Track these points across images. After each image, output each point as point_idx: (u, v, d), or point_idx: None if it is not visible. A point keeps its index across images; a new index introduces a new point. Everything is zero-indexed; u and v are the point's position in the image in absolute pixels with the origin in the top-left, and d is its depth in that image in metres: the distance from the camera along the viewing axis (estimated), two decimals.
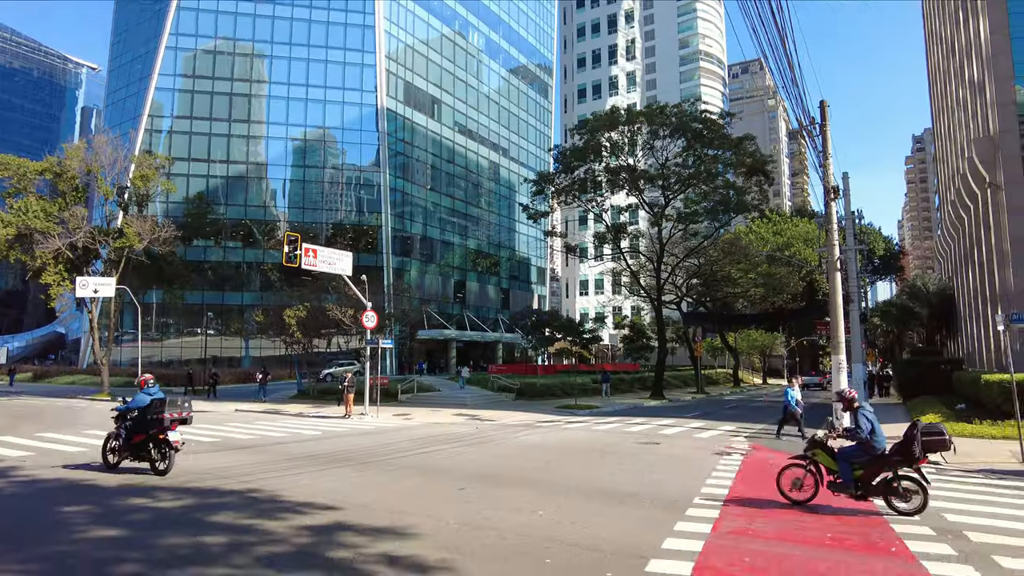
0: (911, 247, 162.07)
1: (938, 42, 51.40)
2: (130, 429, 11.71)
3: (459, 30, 72.79)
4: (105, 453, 12.04)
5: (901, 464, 8.79)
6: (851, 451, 9.21)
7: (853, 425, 9.17)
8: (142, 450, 11.58)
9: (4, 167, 36.25)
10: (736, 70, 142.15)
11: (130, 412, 11.78)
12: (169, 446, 11.34)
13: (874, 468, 8.93)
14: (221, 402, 32.53)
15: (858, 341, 26.78)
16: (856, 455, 9.11)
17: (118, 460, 11.86)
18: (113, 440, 11.95)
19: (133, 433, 11.64)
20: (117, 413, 12.05)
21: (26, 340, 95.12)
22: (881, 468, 8.91)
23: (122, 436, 11.76)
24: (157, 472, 11.36)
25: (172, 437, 11.32)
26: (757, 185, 39.77)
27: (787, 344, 77.65)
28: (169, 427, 11.33)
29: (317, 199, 61.52)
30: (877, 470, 8.92)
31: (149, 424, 11.40)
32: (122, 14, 65.80)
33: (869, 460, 8.98)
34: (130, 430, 11.70)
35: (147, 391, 11.92)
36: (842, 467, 9.14)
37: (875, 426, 9.02)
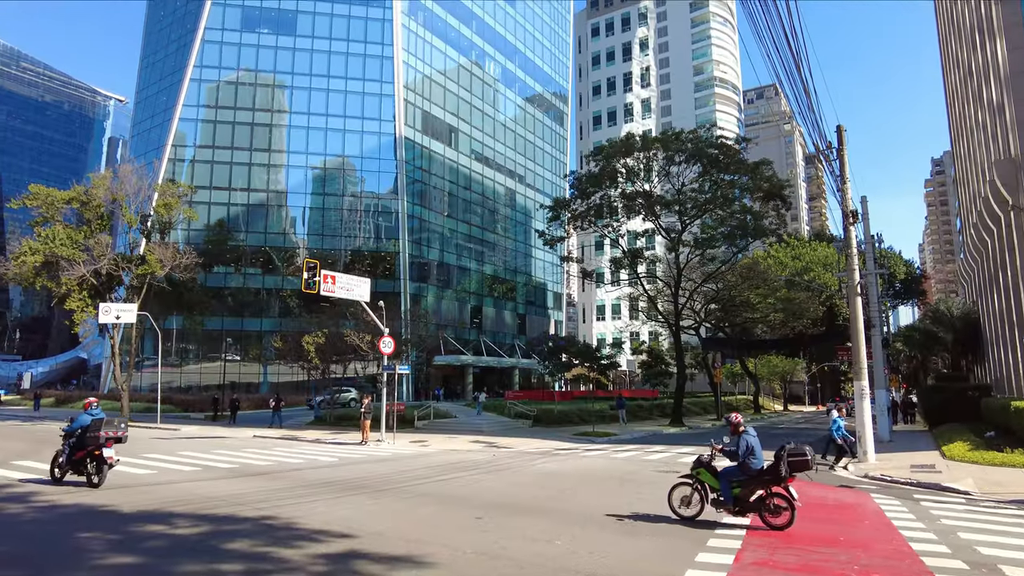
0: (933, 271, 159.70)
1: (955, 64, 51.27)
2: (73, 446, 12.90)
3: (476, 60, 74.00)
4: (52, 468, 13.21)
5: (772, 483, 9.53)
6: (731, 471, 9.93)
7: (733, 447, 9.91)
8: (81, 465, 12.75)
9: (34, 197, 37.17)
10: (751, 95, 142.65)
11: (74, 432, 12.92)
12: (103, 461, 12.53)
13: (750, 486, 9.66)
14: (239, 428, 32.64)
15: (880, 367, 26.33)
16: (735, 474, 9.84)
17: (62, 474, 13.04)
18: (60, 456, 13.12)
19: (75, 450, 12.84)
20: (64, 432, 13.19)
21: (50, 365, 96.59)
22: (756, 487, 9.62)
23: (66, 453, 12.98)
24: (91, 484, 12.46)
25: (107, 453, 12.54)
26: (774, 210, 39.56)
27: (808, 370, 76.51)
28: (104, 444, 12.49)
29: (336, 226, 62.27)
30: (753, 488, 9.64)
31: (88, 442, 12.58)
32: (149, 48, 67.83)
33: (746, 479, 9.72)
34: (73, 447, 12.90)
35: (90, 412, 13.15)
36: (723, 485, 9.84)
37: (755, 449, 9.76)
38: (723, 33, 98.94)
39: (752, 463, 9.71)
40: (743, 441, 9.83)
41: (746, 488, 9.69)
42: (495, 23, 77.16)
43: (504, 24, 78.76)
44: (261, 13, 62.48)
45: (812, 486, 14.69)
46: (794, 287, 47.80)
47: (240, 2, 62.05)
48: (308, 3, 63.26)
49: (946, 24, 59.73)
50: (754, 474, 9.67)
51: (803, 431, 36.30)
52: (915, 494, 13.76)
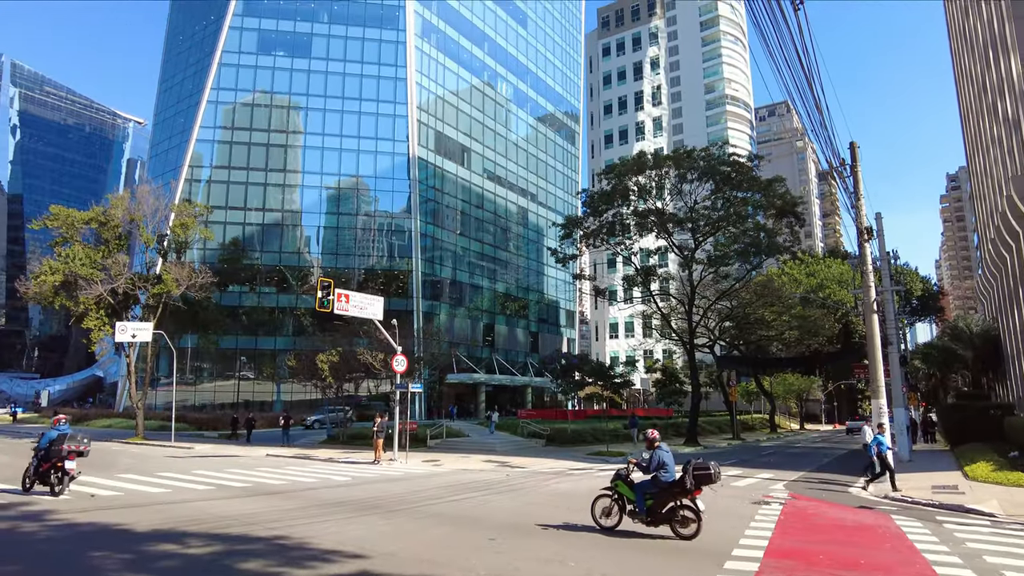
0: (950, 287, 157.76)
1: (968, 79, 51.05)
2: (40, 459, 14.06)
3: (488, 81, 74.75)
4: (24, 479, 14.38)
5: (681, 495, 10.21)
6: (645, 484, 10.65)
7: (646, 462, 10.68)
8: (47, 476, 13.86)
9: (55, 217, 37.77)
10: (763, 113, 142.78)
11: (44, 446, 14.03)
12: (65, 473, 13.77)
13: (662, 498, 10.35)
14: (253, 446, 32.68)
15: (899, 385, 25.93)
16: (648, 487, 10.54)
17: (30, 485, 14.21)
18: (30, 468, 14.30)
19: (42, 462, 14.02)
20: (35, 447, 14.28)
21: (67, 383, 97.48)
22: (667, 498, 10.30)
23: (33, 465, 14.18)
24: (53, 493, 13.64)
25: (68, 466, 13.75)
26: (788, 227, 39.37)
27: (824, 388, 75.52)
28: (66, 457, 13.70)
29: (350, 245, 62.72)
30: (665, 500, 10.32)
31: (53, 455, 13.79)
32: (168, 71, 69.22)
33: (658, 491, 10.41)
34: (40, 460, 14.05)
35: (57, 428, 14.43)
36: (637, 497, 10.57)
37: (666, 463, 10.44)
38: (734, 51, 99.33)
39: (663, 476, 10.38)
40: (656, 456, 10.56)
41: (658, 500, 10.36)
42: (507, 44, 78.04)
43: (516, 45, 79.64)
44: (277, 36, 63.65)
45: (831, 506, 14.43)
46: (809, 304, 47.36)
47: (257, 26, 63.28)
48: (323, 26, 64.38)
49: (958, 39, 59.61)
50: (665, 487, 10.33)
51: (820, 450, 35.76)
52: (938, 516, 13.47)
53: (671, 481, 10.33)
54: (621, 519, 10.74)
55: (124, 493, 14.88)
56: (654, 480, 10.49)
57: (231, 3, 62.38)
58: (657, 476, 10.44)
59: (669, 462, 10.46)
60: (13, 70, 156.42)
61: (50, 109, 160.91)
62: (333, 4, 65.00)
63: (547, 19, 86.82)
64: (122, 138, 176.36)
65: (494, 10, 76.34)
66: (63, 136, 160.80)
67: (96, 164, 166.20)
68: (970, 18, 50.73)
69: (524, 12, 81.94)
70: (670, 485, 10.32)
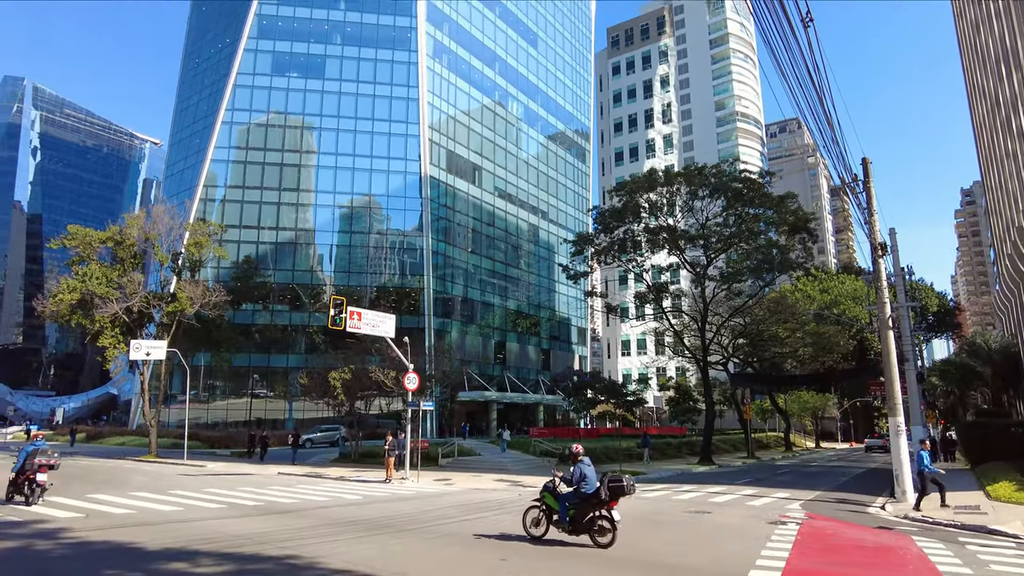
0: (967, 303, 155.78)
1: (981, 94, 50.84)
2: (17, 472, 15.45)
3: (499, 100, 75.41)
4: (7, 490, 15.73)
5: (598, 506, 10.94)
6: (568, 495, 11.39)
7: (569, 475, 11.45)
8: (21, 487, 15.35)
9: (72, 237, 38.33)
10: (774, 129, 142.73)
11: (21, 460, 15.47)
12: (37, 484, 15.20)
13: (583, 509, 11.10)
14: (264, 464, 32.67)
15: (916, 402, 25.55)
16: (571, 499, 11.28)
17: (9, 496, 15.64)
18: (11, 480, 15.69)
19: (19, 475, 15.40)
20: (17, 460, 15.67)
21: (81, 401, 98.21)
22: (587, 509, 11.04)
23: (11, 478, 15.60)
24: (27, 503, 15.12)
25: (40, 478, 15.20)
26: (801, 243, 39.14)
27: (840, 406, 74.55)
28: (37, 470, 15.20)
29: (362, 263, 63.07)
30: (585, 511, 11.07)
31: (27, 468, 15.26)
32: (184, 93, 70.43)
33: (579, 502, 11.17)
34: (17, 472, 15.45)
35: (34, 443, 16.01)
36: (561, 507, 11.34)
37: (587, 476, 11.23)
38: (744, 68, 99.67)
39: (584, 488, 11.18)
40: (577, 469, 11.36)
41: (579, 510, 11.14)
42: (517, 64, 78.80)
43: (526, 65, 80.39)
44: (291, 58, 64.67)
45: (849, 527, 14.17)
46: (823, 321, 46.90)
47: (271, 48, 64.35)
48: (336, 48, 65.36)
49: (970, 55, 59.48)
50: (585, 498, 11.11)
51: (837, 469, 35.21)
52: (960, 537, 13.18)
53: (590, 493, 11.08)
54: (548, 529, 11.59)
55: (137, 511, 14.91)
56: (576, 492, 11.25)
57: (246, 26, 63.54)
58: (579, 488, 11.21)
59: (590, 475, 11.25)
60: (35, 94, 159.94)
61: (70, 131, 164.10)
62: (346, 26, 66.04)
63: (557, 39, 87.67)
64: (138, 158, 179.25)
65: (505, 31, 77.22)
66: (82, 157, 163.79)
67: (113, 184, 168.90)
68: (981, 34, 50.66)
69: (534, 32, 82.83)
70: (589, 496, 11.07)
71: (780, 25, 11.72)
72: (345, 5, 66.22)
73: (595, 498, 11.01)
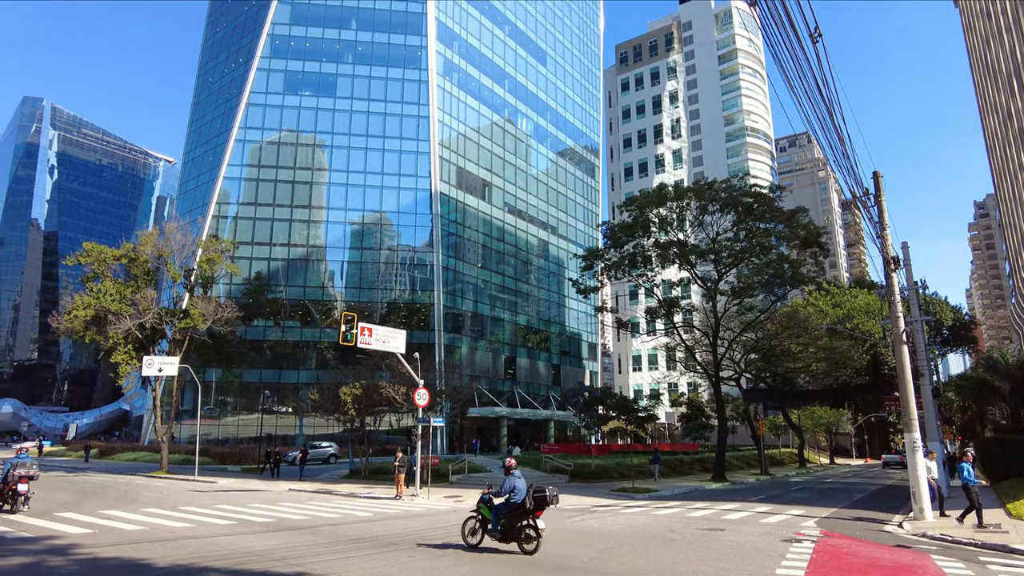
0: (983, 316, 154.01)
1: (993, 108, 50.64)
2: (1, 483, 17.04)
3: (508, 117, 75.94)
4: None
5: (524, 515, 11.89)
6: (500, 506, 12.31)
7: (499, 487, 12.44)
8: (5, 496, 17.00)
9: (87, 254, 38.81)
10: (783, 143, 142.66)
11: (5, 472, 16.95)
12: (19, 494, 16.86)
13: (512, 518, 12.03)
14: (275, 481, 32.65)
15: (932, 418, 25.21)
16: (502, 509, 12.19)
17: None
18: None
19: (3, 485, 16.98)
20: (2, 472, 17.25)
21: (94, 417, 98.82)
22: (516, 518, 11.97)
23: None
24: (11, 511, 16.74)
25: (21, 488, 16.83)
26: (812, 257, 38.88)
27: (854, 421, 73.61)
28: (19, 481, 16.80)
29: (373, 279, 63.35)
30: (514, 520, 12.00)
31: (9, 479, 16.83)
32: (198, 112, 71.46)
33: (509, 512, 12.08)
34: (1, 483, 17.04)
35: (18, 457, 17.61)
36: (493, 517, 12.29)
37: (516, 487, 12.16)
38: (752, 83, 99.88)
39: (513, 499, 12.14)
40: (508, 481, 12.31)
41: (509, 520, 12.06)
42: (527, 82, 79.42)
43: (536, 82, 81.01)
44: (303, 77, 65.52)
45: (866, 545, 13.93)
46: (836, 335, 46.46)
47: (283, 67, 65.25)
48: (348, 67, 66.18)
49: (980, 69, 59.39)
50: (514, 508, 12.05)
51: (853, 486, 34.69)
52: (980, 556, 12.92)
53: (519, 503, 12.03)
54: (483, 538, 12.56)
55: (148, 527, 14.92)
56: (506, 502, 12.20)
57: (259, 46, 64.53)
58: (509, 499, 12.16)
59: (520, 487, 12.21)
60: (53, 114, 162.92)
61: (86, 150, 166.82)
62: (358, 45, 66.90)
63: (566, 56, 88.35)
64: (153, 176, 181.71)
65: (514, 49, 77.95)
66: (97, 175, 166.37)
67: (127, 202, 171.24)
68: (992, 48, 50.60)
69: (543, 50, 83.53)
70: (518, 507, 12.01)
71: (789, 40, 11.77)
72: (356, 25, 67.13)
73: (522, 508, 11.93)
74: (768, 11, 10.72)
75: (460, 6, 70.98)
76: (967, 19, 65.91)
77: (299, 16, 66.24)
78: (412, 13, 67.18)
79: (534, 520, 11.87)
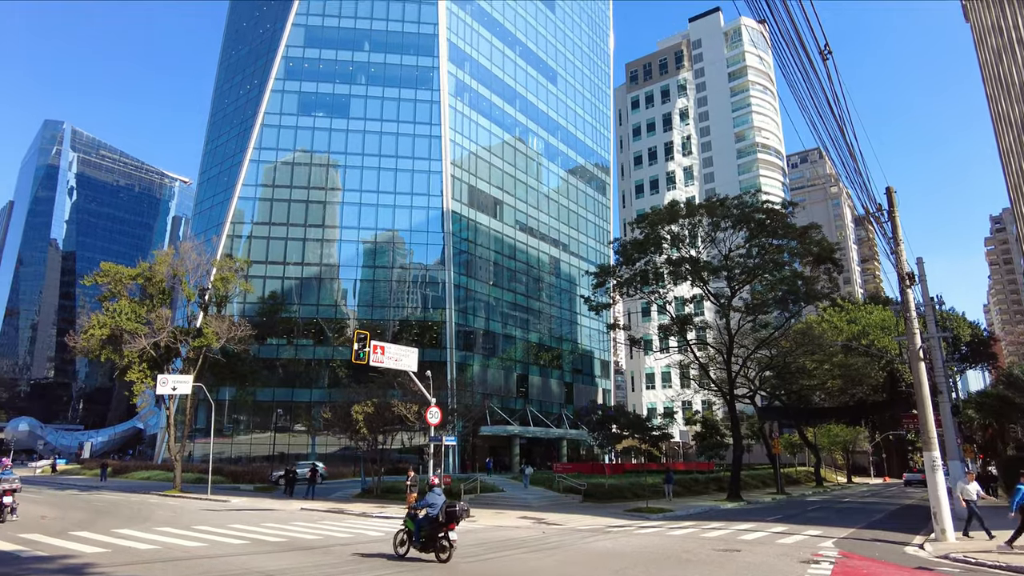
0: (1002, 332, 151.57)
1: (1006, 122, 50.35)
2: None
3: (519, 136, 76.48)
4: None
5: (440, 528, 13.34)
6: (422, 520, 13.67)
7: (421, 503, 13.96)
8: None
9: (104, 274, 39.28)
10: (795, 159, 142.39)
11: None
12: (4, 506, 18.73)
13: (430, 531, 13.48)
14: (288, 500, 32.59)
15: (952, 435, 24.81)
16: (423, 522, 13.62)
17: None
18: None
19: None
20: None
21: (109, 435, 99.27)
22: (434, 531, 13.42)
23: None
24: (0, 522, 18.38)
25: (6, 500, 18.75)
26: (826, 273, 38.61)
27: (872, 439, 72.53)
28: (3, 494, 18.68)
29: (385, 297, 63.59)
30: (432, 533, 13.46)
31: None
32: (213, 133, 72.59)
33: (428, 525, 13.53)
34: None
35: (3, 473, 19.23)
36: (416, 530, 13.75)
37: (434, 503, 13.63)
38: (763, 100, 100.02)
39: (432, 513, 13.53)
40: (428, 498, 13.92)
41: (428, 532, 13.50)
42: (537, 101, 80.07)
43: (546, 102, 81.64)
44: (317, 98, 66.47)
45: (886, 567, 13.67)
46: (851, 352, 45.93)
47: (297, 89, 66.25)
48: (360, 88, 67.07)
49: (993, 82, 59.15)
50: (432, 521, 13.47)
51: (872, 506, 34.10)
52: None
53: (435, 516, 13.45)
54: (409, 548, 14.00)
55: (161, 547, 14.93)
56: (426, 516, 13.61)
57: (274, 68, 65.61)
58: (427, 513, 13.60)
59: (436, 502, 13.64)
60: (73, 136, 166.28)
61: (104, 171, 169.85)
62: (371, 67, 67.83)
63: (576, 76, 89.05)
64: (168, 197, 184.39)
65: (525, 69, 78.71)
66: (115, 196, 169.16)
67: (144, 222, 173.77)
68: (1004, 62, 50.44)
69: (554, 70, 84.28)
70: (435, 519, 13.44)
71: (799, 58, 11.82)
72: (369, 47, 68.14)
73: (437, 521, 13.38)
74: (777, 29, 10.79)
75: (471, 28, 71.90)
76: (978, 34, 65.81)
77: (313, 39, 67.35)
78: (424, 35, 68.12)
79: (447, 532, 13.24)
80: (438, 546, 13.32)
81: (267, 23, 70.72)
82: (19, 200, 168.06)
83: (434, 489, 14.28)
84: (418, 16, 68.70)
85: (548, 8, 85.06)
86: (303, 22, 67.36)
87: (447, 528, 13.27)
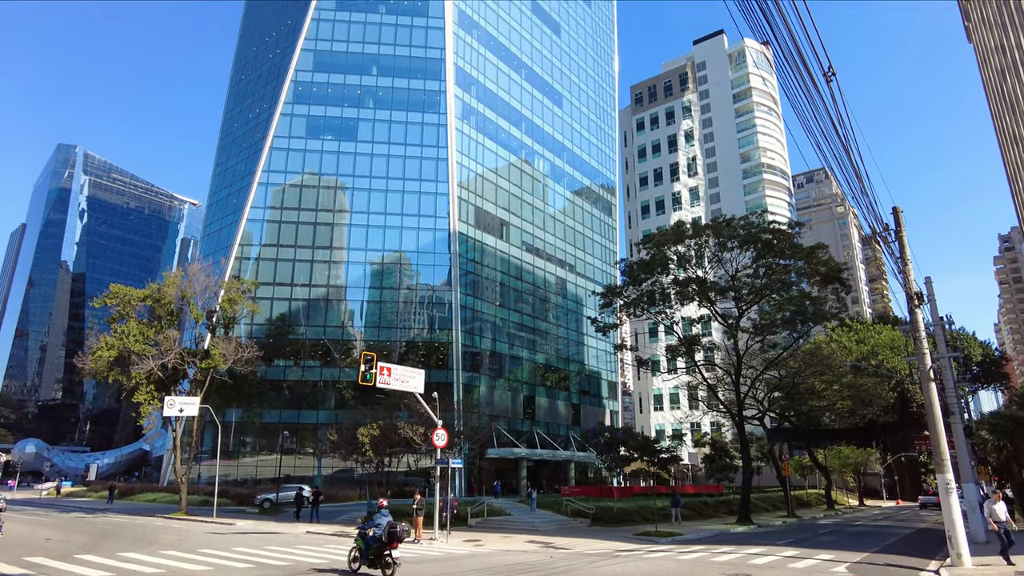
0: (1014, 351, 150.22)
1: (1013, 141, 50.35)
2: None
3: (525, 158, 77.02)
4: None
5: (384, 547, 14.56)
6: (370, 539, 14.94)
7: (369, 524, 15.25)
8: None
9: (113, 296, 39.50)
10: (801, 179, 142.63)
11: None
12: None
13: (377, 549, 14.73)
14: (293, 523, 32.35)
15: (965, 457, 24.45)
16: (371, 541, 14.90)
17: None
18: None
19: None
20: None
21: (115, 457, 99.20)
22: (380, 550, 14.65)
23: None
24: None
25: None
26: (834, 293, 38.43)
27: (883, 461, 71.55)
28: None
29: (392, 318, 63.64)
30: (379, 551, 14.68)
31: None
32: (222, 156, 73.43)
33: (375, 543, 14.73)
34: None
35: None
36: (364, 548, 15.04)
37: (380, 523, 14.80)
38: (768, 120, 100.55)
39: (377, 533, 14.76)
40: (375, 518, 15.19)
41: (375, 550, 14.75)
42: (543, 123, 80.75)
43: (552, 124, 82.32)
44: (325, 122, 67.26)
45: None
46: (861, 372, 45.51)
47: (306, 112, 67.08)
48: (368, 111, 67.86)
49: (997, 101, 59.29)
50: (377, 540, 14.72)
51: (885, 529, 33.53)
52: None
53: (380, 536, 14.68)
54: (360, 565, 15.20)
55: (166, 571, 14.82)
56: (373, 536, 14.81)
57: (283, 92, 66.52)
58: (374, 533, 14.80)
59: (382, 523, 14.88)
60: (85, 160, 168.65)
61: (115, 194, 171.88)
62: (378, 90, 68.68)
63: (582, 98, 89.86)
64: (178, 219, 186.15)
65: (531, 92, 79.52)
66: (125, 218, 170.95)
67: (153, 244, 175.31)
68: (1008, 81, 50.62)
69: (559, 93, 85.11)
70: (380, 539, 14.67)
71: (803, 79, 11.90)
72: (377, 71, 69.06)
73: (381, 541, 14.62)
74: (781, 50, 10.88)
75: (478, 52, 72.83)
76: (981, 55, 66.16)
77: (322, 63, 68.35)
78: (431, 59, 69.02)
79: (391, 551, 14.46)
80: (383, 563, 14.52)
81: (277, 48, 71.86)
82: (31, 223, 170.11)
83: (381, 511, 15.47)
84: (425, 41, 69.69)
85: (553, 32, 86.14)
86: (312, 47, 68.41)
87: (390, 547, 14.47)
